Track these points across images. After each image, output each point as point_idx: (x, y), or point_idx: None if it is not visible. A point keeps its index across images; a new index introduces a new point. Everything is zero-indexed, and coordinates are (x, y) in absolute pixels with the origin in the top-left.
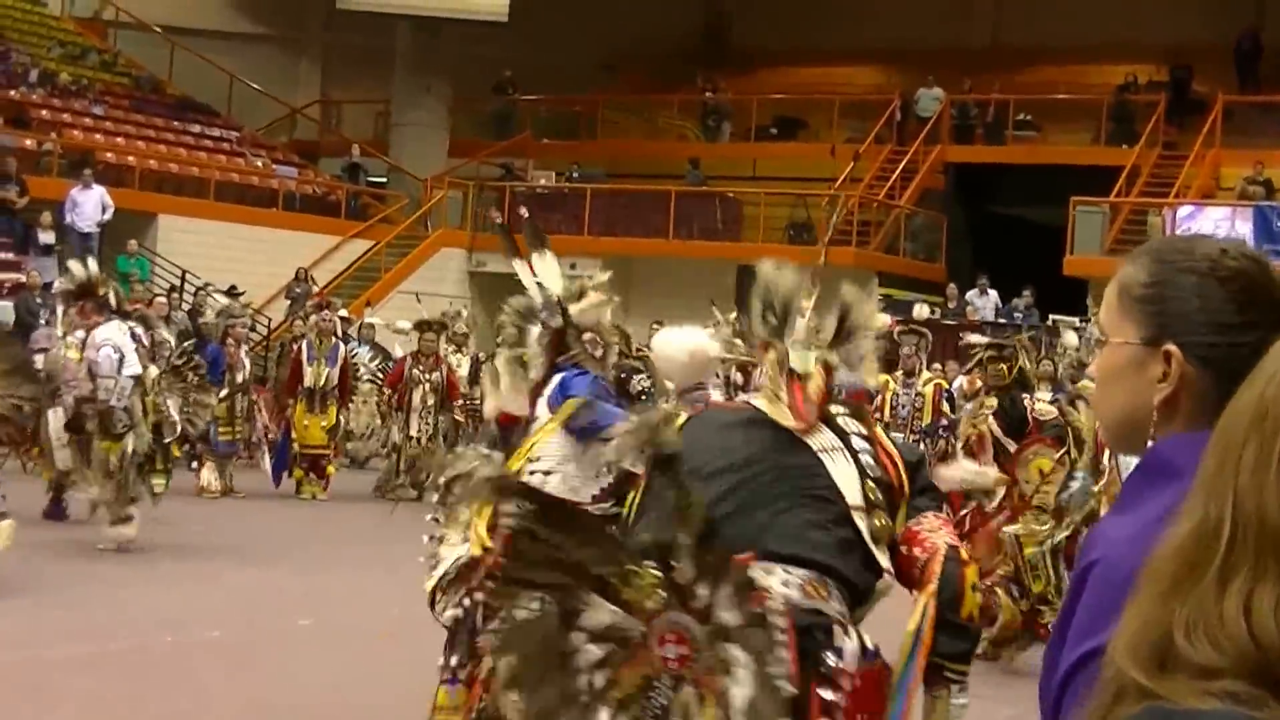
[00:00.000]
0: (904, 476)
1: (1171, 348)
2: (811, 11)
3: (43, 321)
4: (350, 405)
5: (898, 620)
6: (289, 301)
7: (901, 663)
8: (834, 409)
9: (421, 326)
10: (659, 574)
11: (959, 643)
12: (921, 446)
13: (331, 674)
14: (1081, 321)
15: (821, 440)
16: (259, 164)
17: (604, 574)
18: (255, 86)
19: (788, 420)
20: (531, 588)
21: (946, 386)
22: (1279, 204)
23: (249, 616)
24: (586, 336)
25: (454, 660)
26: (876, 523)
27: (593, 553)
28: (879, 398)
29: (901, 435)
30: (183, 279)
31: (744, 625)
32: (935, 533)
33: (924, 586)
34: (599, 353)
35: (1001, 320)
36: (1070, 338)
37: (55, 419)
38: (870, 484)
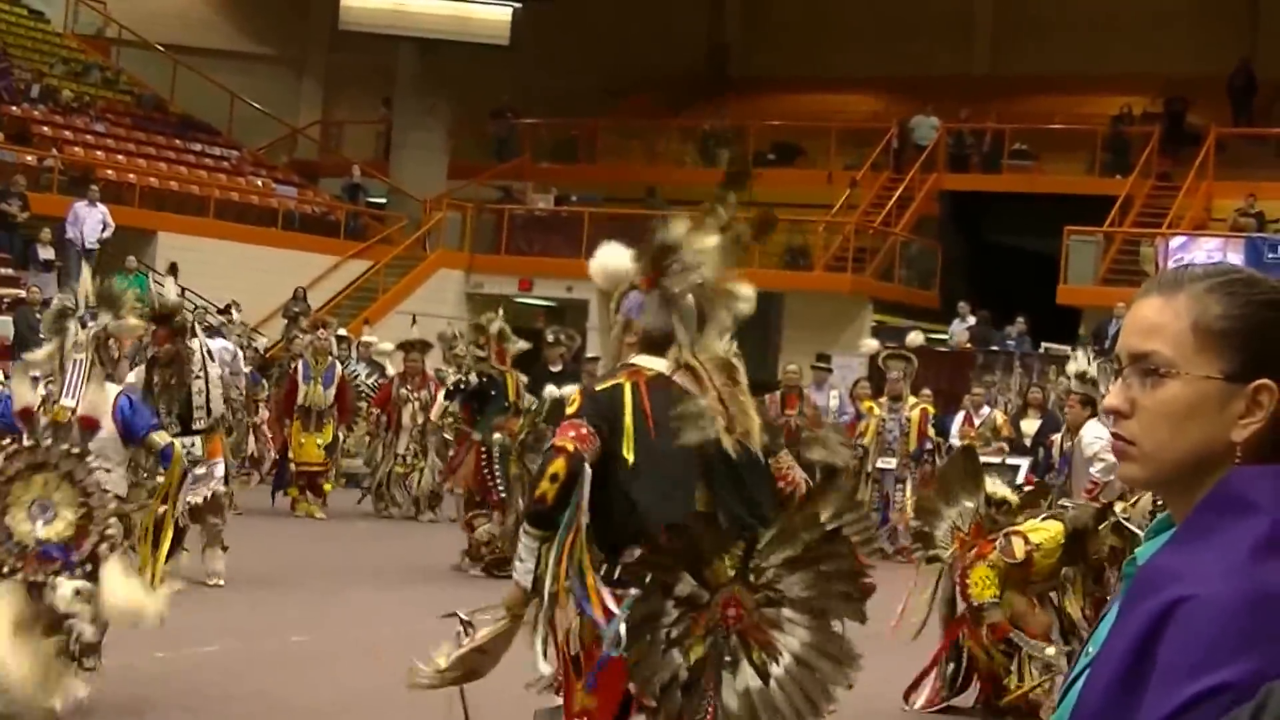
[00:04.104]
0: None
1: (1269, 383)
2: (811, 40)
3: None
4: (354, 425)
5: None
6: (286, 321)
7: None
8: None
9: (405, 347)
10: (739, 559)
11: None
12: (908, 473)
13: (326, 691)
14: (1074, 350)
15: None
16: (259, 183)
17: (707, 555)
18: (257, 106)
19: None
20: (652, 566)
21: (933, 411)
22: (1270, 236)
23: (243, 633)
24: None
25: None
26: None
27: (709, 541)
28: (865, 422)
29: (892, 459)
30: (182, 297)
31: (814, 597)
32: (792, 469)
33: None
34: None
35: (994, 348)
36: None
37: None
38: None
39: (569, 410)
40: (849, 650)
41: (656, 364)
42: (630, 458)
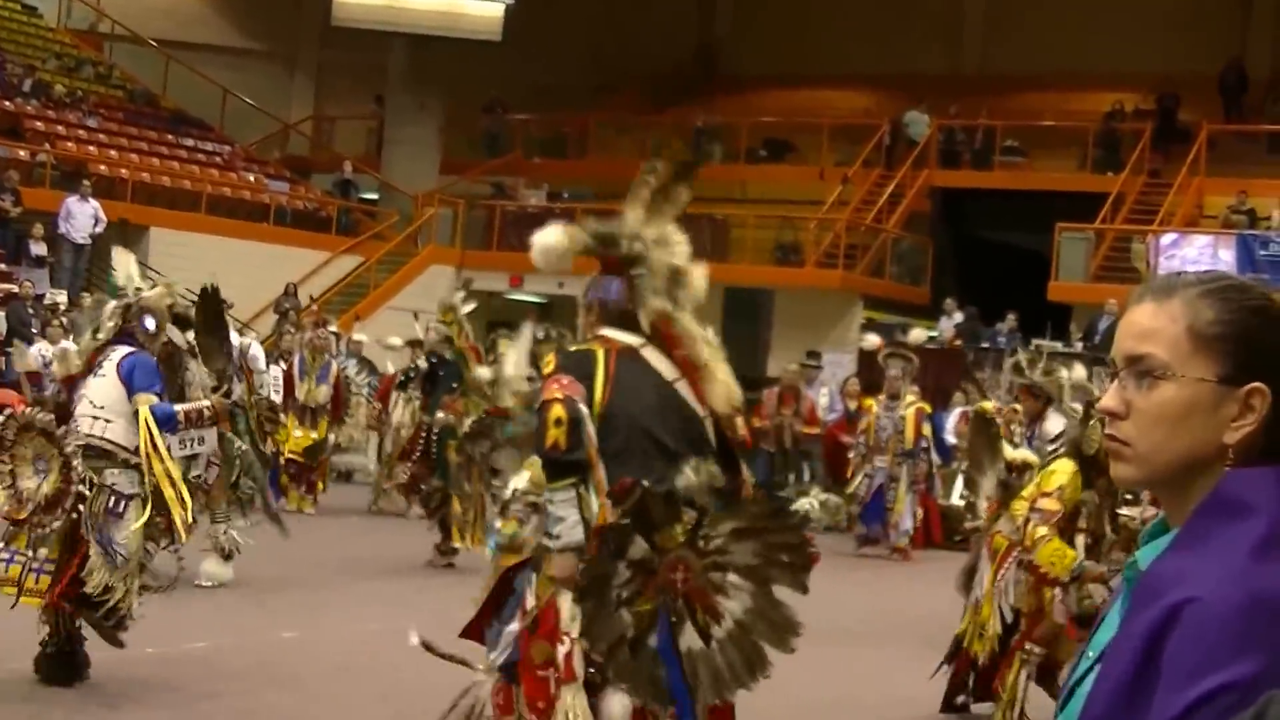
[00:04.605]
0: None
1: (1261, 386)
2: (802, 36)
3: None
4: (344, 421)
5: None
6: (277, 316)
7: None
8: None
9: (414, 344)
10: (690, 528)
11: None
12: (904, 471)
13: (315, 687)
14: (1065, 347)
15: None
16: (251, 179)
17: (659, 522)
18: (249, 101)
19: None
20: (609, 533)
21: (928, 410)
22: (1262, 232)
23: (232, 628)
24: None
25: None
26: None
27: (660, 509)
28: (865, 420)
29: (885, 457)
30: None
31: (758, 565)
32: (744, 429)
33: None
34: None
35: (985, 345)
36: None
37: None
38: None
39: (546, 371)
40: (790, 618)
41: (625, 337)
42: (597, 416)
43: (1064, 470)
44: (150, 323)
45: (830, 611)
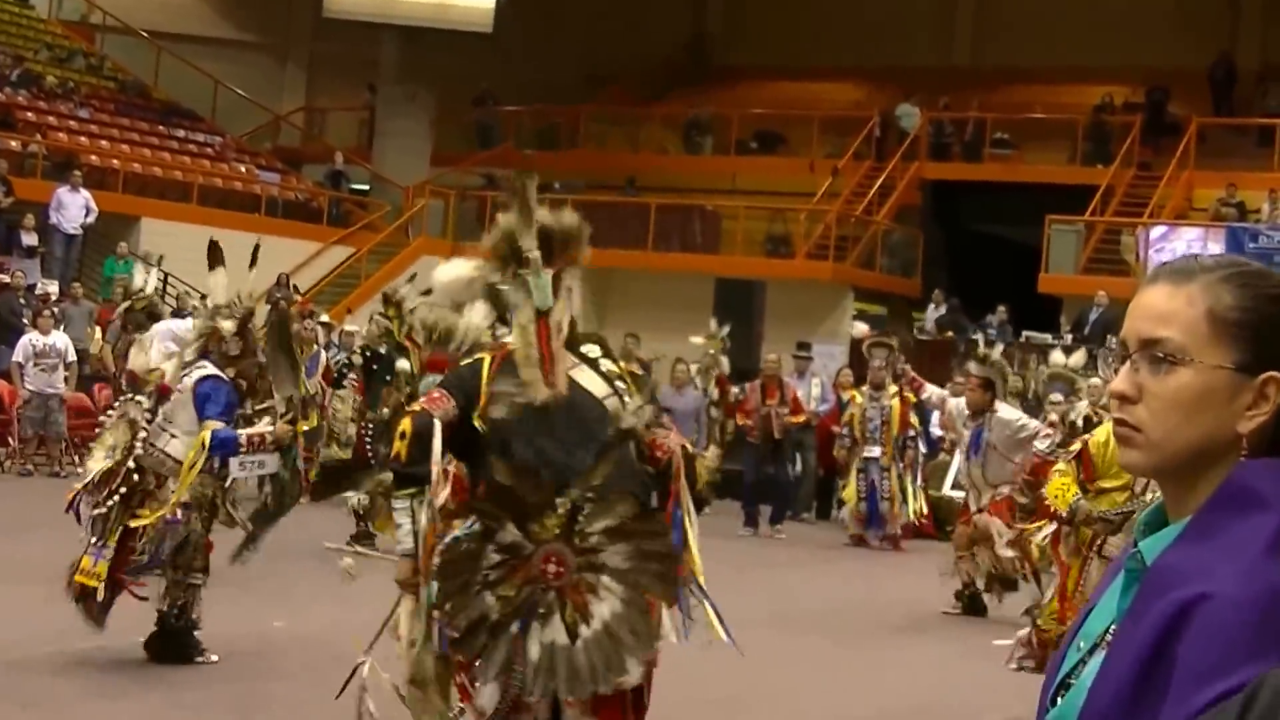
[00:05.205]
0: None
1: (1277, 375)
2: (793, 29)
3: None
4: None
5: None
6: (269, 307)
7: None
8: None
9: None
10: (565, 519)
11: (698, 503)
12: (891, 463)
13: (304, 675)
14: (1055, 339)
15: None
16: (242, 170)
17: (530, 510)
18: (240, 93)
19: (541, 392)
20: (479, 514)
21: (913, 399)
22: (1251, 225)
23: (223, 617)
24: None
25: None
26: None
27: (533, 498)
28: (850, 411)
29: (876, 448)
30: (165, 282)
31: (630, 570)
32: (668, 439)
33: (675, 481)
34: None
35: (974, 337)
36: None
37: None
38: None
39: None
40: (653, 629)
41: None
42: (480, 423)
43: (1106, 428)
44: (234, 348)
45: (814, 601)
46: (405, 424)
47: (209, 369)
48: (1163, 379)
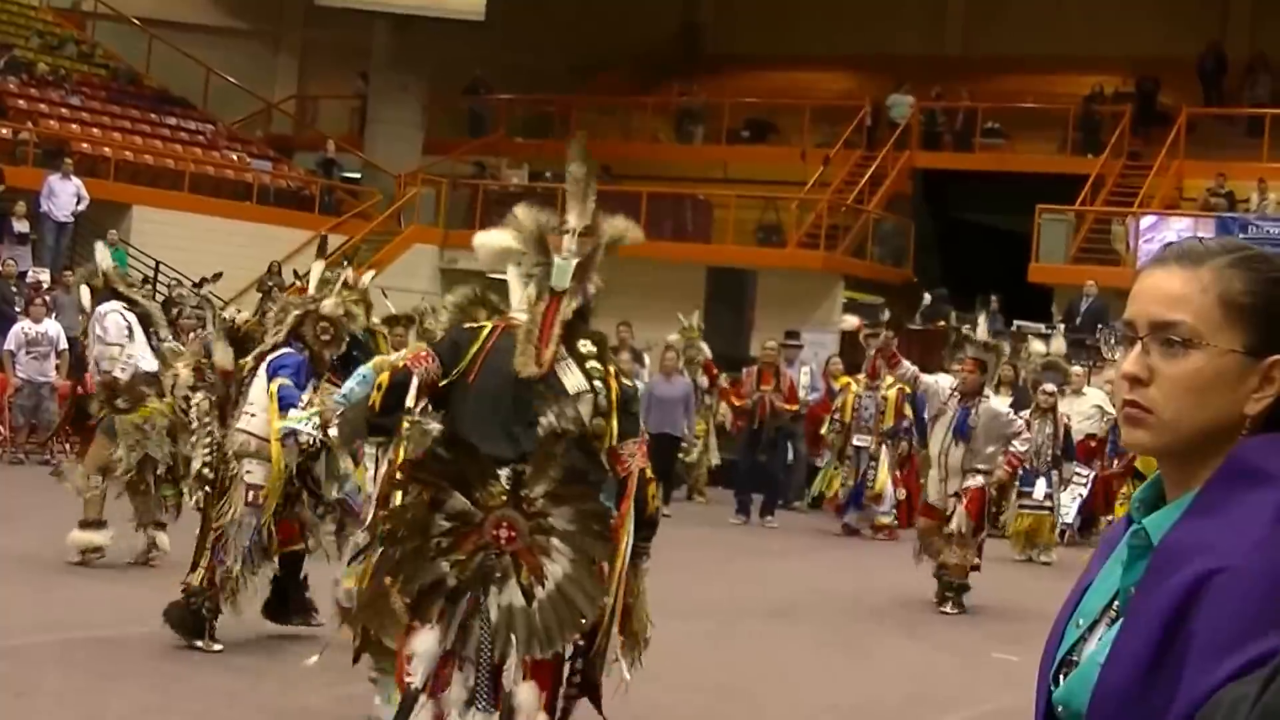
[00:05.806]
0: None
1: None
2: (785, 17)
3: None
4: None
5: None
6: (261, 294)
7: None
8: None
9: (390, 321)
10: (509, 487)
11: (646, 530)
12: (884, 450)
13: (300, 667)
14: (1047, 328)
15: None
16: (234, 157)
17: (472, 480)
18: (232, 80)
19: (530, 369)
20: (421, 483)
21: (909, 390)
22: (1241, 215)
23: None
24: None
25: None
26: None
27: (473, 468)
28: (841, 398)
29: (867, 437)
30: (156, 270)
31: (575, 532)
32: (632, 458)
33: (625, 499)
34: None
35: (965, 326)
36: (1037, 345)
37: None
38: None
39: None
40: (599, 588)
41: (517, 315)
42: (459, 388)
43: None
44: (327, 335)
45: (805, 590)
46: (384, 377)
47: (288, 349)
48: (1176, 362)
